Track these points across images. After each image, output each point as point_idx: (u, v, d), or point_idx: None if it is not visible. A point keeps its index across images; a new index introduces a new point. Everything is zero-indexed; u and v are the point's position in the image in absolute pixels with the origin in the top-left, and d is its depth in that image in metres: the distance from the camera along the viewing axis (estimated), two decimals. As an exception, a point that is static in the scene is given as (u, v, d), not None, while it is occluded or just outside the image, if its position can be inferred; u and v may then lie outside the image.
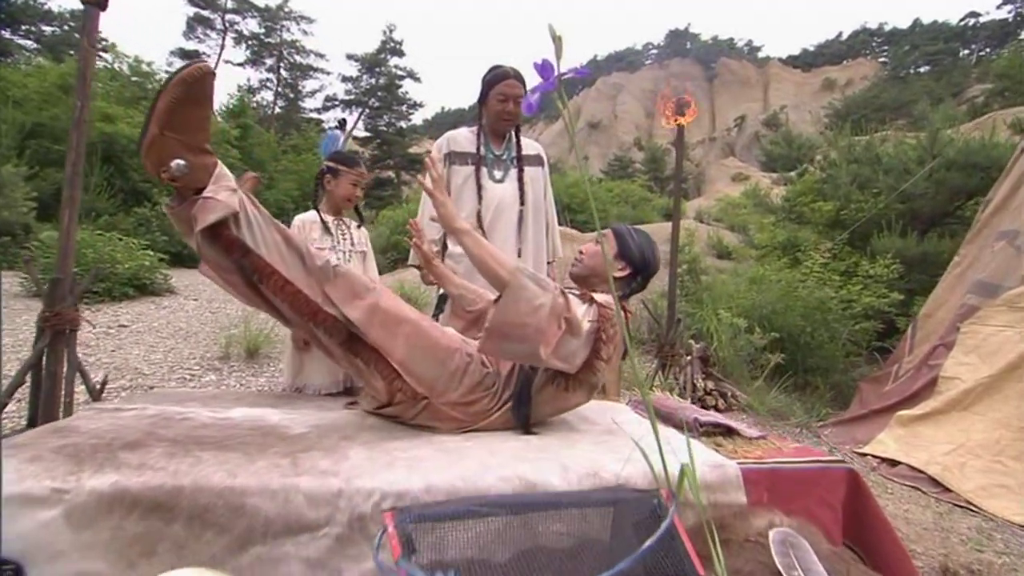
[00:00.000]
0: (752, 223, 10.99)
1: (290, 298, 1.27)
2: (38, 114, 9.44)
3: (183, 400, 1.58)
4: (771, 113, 51.29)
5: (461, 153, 2.22)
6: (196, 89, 1.16)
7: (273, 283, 1.26)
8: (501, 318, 1.24)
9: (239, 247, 1.23)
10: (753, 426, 2.52)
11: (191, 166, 1.19)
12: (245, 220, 1.25)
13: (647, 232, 1.64)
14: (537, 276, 1.28)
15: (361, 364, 1.34)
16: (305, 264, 1.30)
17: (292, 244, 1.30)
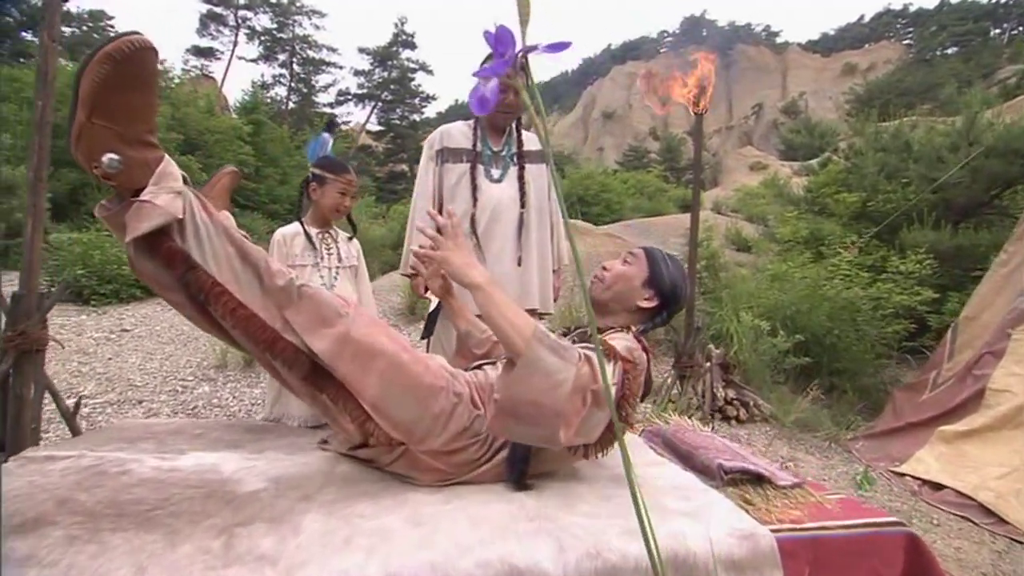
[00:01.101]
0: (771, 214, 10.57)
1: (242, 323, 1.07)
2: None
3: (137, 438, 1.40)
4: (790, 100, 49.95)
5: (455, 149, 1.99)
6: (130, 68, 0.94)
7: (223, 305, 1.05)
8: (512, 394, 1.03)
9: (182, 261, 1.03)
10: (784, 467, 2.27)
11: (127, 161, 0.98)
12: (192, 229, 1.04)
13: (680, 262, 1.41)
14: (558, 344, 1.04)
15: (327, 401, 1.14)
16: (262, 283, 1.09)
17: (248, 259, 1.09)
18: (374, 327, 1.17)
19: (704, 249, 5.46)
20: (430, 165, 2.02)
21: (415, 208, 2.02)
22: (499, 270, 1.93)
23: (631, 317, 1.35)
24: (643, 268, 1.36)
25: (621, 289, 1.35)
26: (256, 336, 1.08)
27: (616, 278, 1.37)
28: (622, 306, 1.35)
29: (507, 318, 1.07)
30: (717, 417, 3.24)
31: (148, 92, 1.02)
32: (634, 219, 13.45)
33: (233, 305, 1.06)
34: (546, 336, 1.04)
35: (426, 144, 2.07)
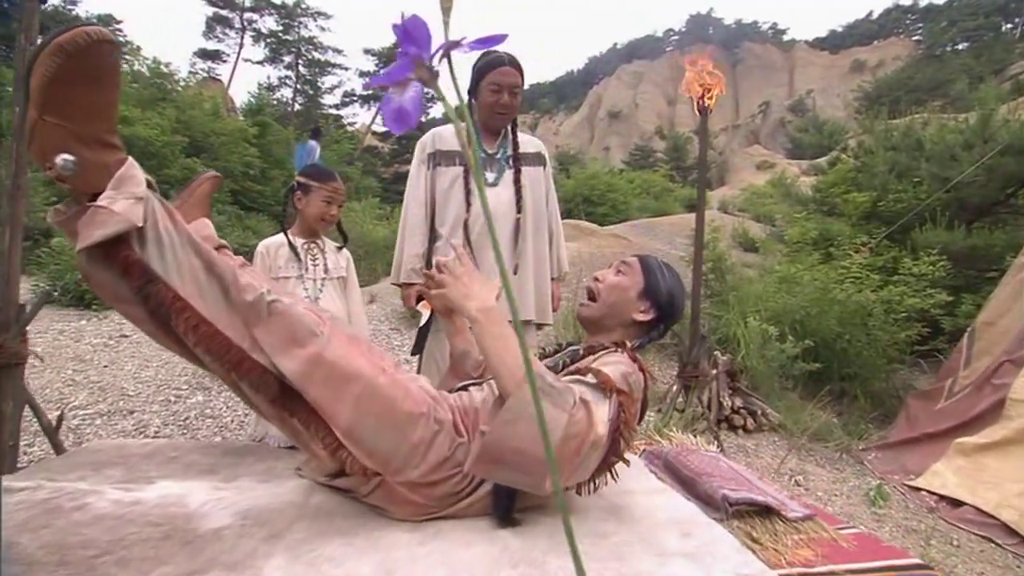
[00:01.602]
0: (779, 213, 10.41)
1: (205, 341, 0.98)
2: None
3: (106, 463, 1.31)
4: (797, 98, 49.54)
5: (448, 152, 1.90)
6: (84, 62, 0.86)
7: (184, 321, 0.96)
8: (496, 439, 0.94)
9: (140, 272, 0.94)
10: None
11: (83, 163, 0.90)
12: (153, 238, 0.96)
13: (676, 271, 1.31)
14: (552, 387, 0.94)
15: (298, 426, 1.05)
16: (228, 298, 1.00)
17: (214, 271, 1.00)
18: (351, 347, 1.08)
19: (710, 251, 5.34)
20: (422, 169, 1.92)
21: (406, 213, 1.93)
22: (493, 279, 1.84)
23: (626, 332, 1.25)
24: (638, 278, 1.26)
25: (615, 302, 1.26)
26: (220, 355, 0.99)
27: (609, 290, 1.27)
28: (616, 320, 1.26)
29: (500, 355, 0.99)
30: (723, 427, 3.14)
31: (107, 89, 0.93)
32: (640, 219, 13.33)
33: (195, 321, 0.97)
34: (541, 377, 0.95)
35: (418, 147, 1.97)
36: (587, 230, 10.42)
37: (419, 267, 1.89)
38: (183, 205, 1.42)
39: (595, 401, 0.98)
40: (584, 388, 0.99)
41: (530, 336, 1.94)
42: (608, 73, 72.94)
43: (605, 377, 1.02)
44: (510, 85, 1.81)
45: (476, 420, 1.17)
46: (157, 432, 2.58)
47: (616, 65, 73.10)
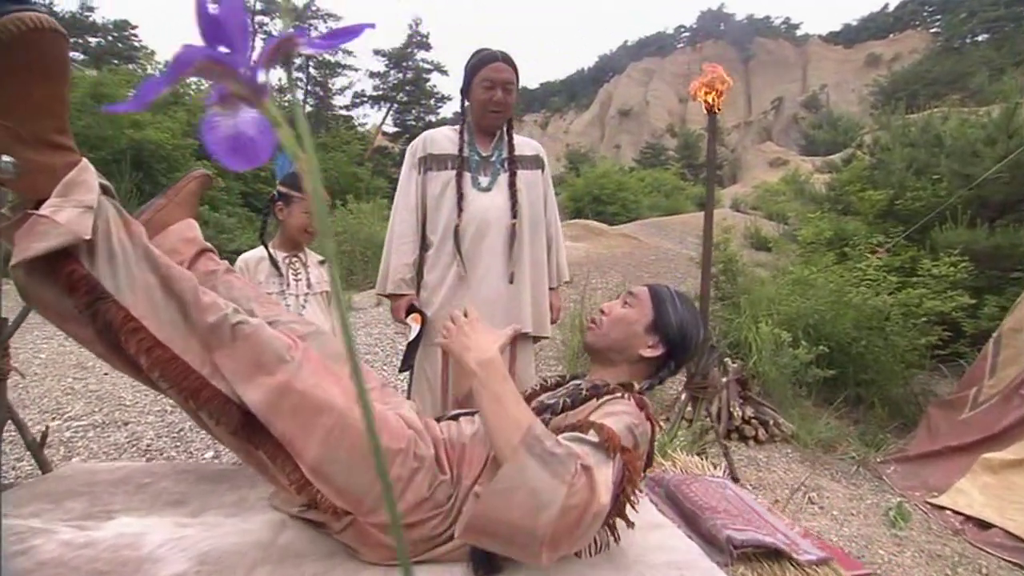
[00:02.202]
0: (792, 211, 10.18)
1: (160, 366, 0.89)
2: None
3: (69, 493, 1.24)
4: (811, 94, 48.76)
5: (439, 156, 1.79)
6: (23, 53, 0.78)
7: (137, 343, 0.88)
8: (487, 511, 0.84)
9: (87, 290, 0.85)
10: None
11: (26, 165, 0.82)
12: (105, 251, 0.87)
13: (691, 300, 1.19)
14: (551, 453, 0.83)
15: (264, 459, 0.96)
16: (188, 319, 0.91)
17: (172, 289, 0.92)
18: (325, 375, 0.99)
19: (721, 252, 5.18)
20: (412, 174, 1.82)
21: (395, 220, 1.84)
22: (486, 290, 1.74)
23: (632, 369, 1.14)
24: (646, 311, 1.15)
25: (620, 336, 1.14)
26: (177, 382, 0.90)
27: (614, 323, 1.15)
28: (622, 356, 1.14)
29: (497, 415, 0.89)
30: (734, 437, 3.01)
31: (53, 83, 0.85)
32: (651, 218, 13.14)
33: (149, 344, 0.88)
34: (538, 441, 0.84)
35: (408, 151, 1.87)
36: (596, 230, 10.27)
37: (408, 277, 1.80)
38: (168, 205, 1.33)
39: (597, 465, 0.87)
40: (586, 449, 0.88)
41: (527, 350, 1.84)
42: (619, 71, 72.45)
43: (609, 434, 0.90)
44: (503, 81, 1.71)
45: (462, 455, 1.07)
46: (150, 445, 2.53)
47: (627, 62, 72.55)
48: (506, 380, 0.92)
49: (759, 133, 46.05)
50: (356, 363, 0.26)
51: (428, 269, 1.80)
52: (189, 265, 1.26)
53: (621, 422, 0.95)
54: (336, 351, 1.25)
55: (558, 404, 1.07)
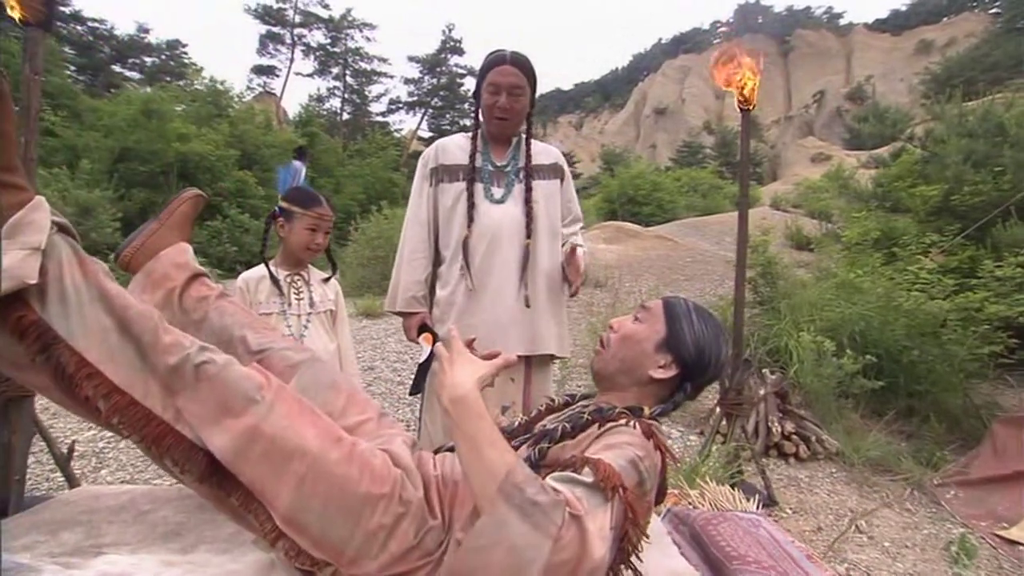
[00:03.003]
0: (835, 209, 9.66)
1: (119, 412, 0.83)
2: (125, 139, 10.00)
3: (66, 522, 1.20)
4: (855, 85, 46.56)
5: (451, 167, 1.68)
6: None
7: (93, 389, 0.82)
8: (461, 568, 0.75)
9: (37, 335, 0.80)
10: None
11: None
12: (57, 294, 0.82)
13: (714, 316, 1.04)
14: (533, 502, 0.73)
15: (236, 504, 0.89)
16: (146, 362, 0.85)
17: (130, 331, 0.86)
18: (298, 416, 0.91)
19: (759, 254, 4.92)
20: (424, 185, 1.73)
21: (406, 235, 1.75)
22: (500, 310, 1.63)
23: (642, 392, 1.01)
24: (658, 327, 1.01)
25: (628, 355, 1.01)
26: (138, 428, 0.84)
27: (622, 342, 1.03)
28: (630, 378, 1.02)
29: (470, 460, 0.79)
30: (773, 454, 2.81)
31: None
32: (687, 218, 12.77)
33: (106, 390, 0.83)
34: (518, 490, 0.73)
35: (420, 161, 1.78)
36: (631, 232, 10.03)
37: (420, 294, 1.71)
38: (161, 228, 1.28)
39: (592, 511, 0.75)
40: (579, 492, 0.76)
41: (545, 371, 1.72)
42: (653, 69, 71.18)
43: (606, 472, 0.78)
44: (509, 86, 1.58)
45: (455, 495, 0.97)
46: (176, 456, 2.54)
47: (661, 60, 71.21)
48: (481, 418, 0.82)
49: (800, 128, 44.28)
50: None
51: (440, 285, 1.71)
52: (181, 291, 1.20)
53: (623, 456, 0.83)
54: (331, 380, 1.17)
55: (557, 431, 0.96)
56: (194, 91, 13.07)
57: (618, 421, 0.93)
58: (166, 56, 24.35)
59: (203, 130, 10.72)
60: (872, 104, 27.77)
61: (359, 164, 17.30)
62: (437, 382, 0.88)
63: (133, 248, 1.20)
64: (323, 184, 14.92)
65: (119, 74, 22.30)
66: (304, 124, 16.55)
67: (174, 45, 24.63)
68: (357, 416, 1.13)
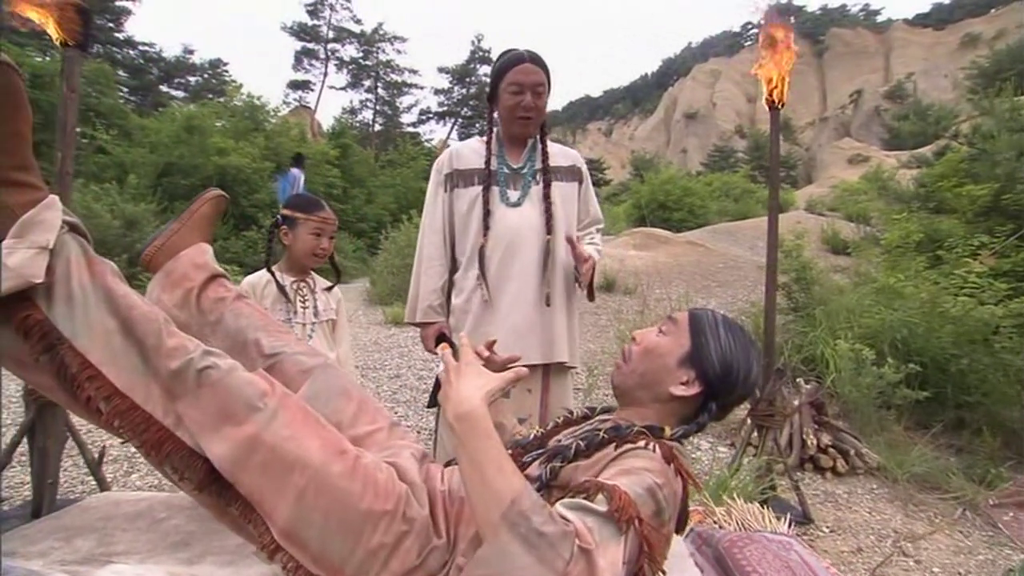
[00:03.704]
0: (874, 211, 9.26)
1: (120, 416, 0.82)
2: (169, 154, 10.42)
3: (82, 530, 1.22)
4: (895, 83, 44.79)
5: (466, 171, 1.64)
6: None
7: (95, 392, 0.81)
8: None
9: (41, 335, 0.80)
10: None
11: None
12: (63, 294, 0.82)
13: (744, 331, 0.95)
14: (540, 535, 0.66)
15: (236, 514, 0.86)
16: (148, 365, 0.84)
17: (134, 333, 0.84)
18: (302, 426, 0.88)
19: (793, 259, 4.73)
20: (439, 192, 1.69)
21: (422, 243, 1.72)
22: (517, 316, 1.58)
23: (664, 410, 0.94)
24: (683, 340, 0.94)
25: (648, 370, 0.94)
26: (138, 433, 0.83)
27: (643, 355, 0.96)
28: (650, 394, 0.94)
29: (474, 481, 0.73)
30: (808, 468, 2.66)
31: (8, 120, 0.81)
32: (719, 223, 12.47)
33: (108, 392, 0.82)
34: (524, 518, 0.67)
35: (434, 167, 1.72)
36: (661, 238, 9.84)
37: (438, 303, 1.68)
38: (182, 229, 1.28)
39: (604, 542, 0.68)
40: (591, 521, 0.70)
41: (562, 381, 1.66)
42: (683, 74, 70.25)
43: (621, 501, 0.71)
44: (533, 84, 1.54)
45: (460, 513, 0.92)
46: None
47: (691, 65, 70.23)
48: (487, 438, 0.76)
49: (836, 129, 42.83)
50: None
51: (455, 292, 1.68)
52: (199, 291, 1.20)
53: (641, 482, 0.76)
54: (342, 386, 1.14)
55: (570, 449, 0.89)
56: (233, 107, 13.52)
57: (636, 442, 0.86)
58: (209, 75, 25.37)
59: (240, 144, 11.07)
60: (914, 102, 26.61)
61: (391, 174, 17.57)
62: (442, 395, 0.84)
63: (154, 248, 1.20)
64: (355, 195, 15.22)
65: (166, 93, 23.36)
66: (337, 136, 16.93)
67: (216, 64, 25.67)
68: (367, 426, 1.10)
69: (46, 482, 1.85)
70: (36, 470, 1.87)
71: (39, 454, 1.88)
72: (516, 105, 1.56)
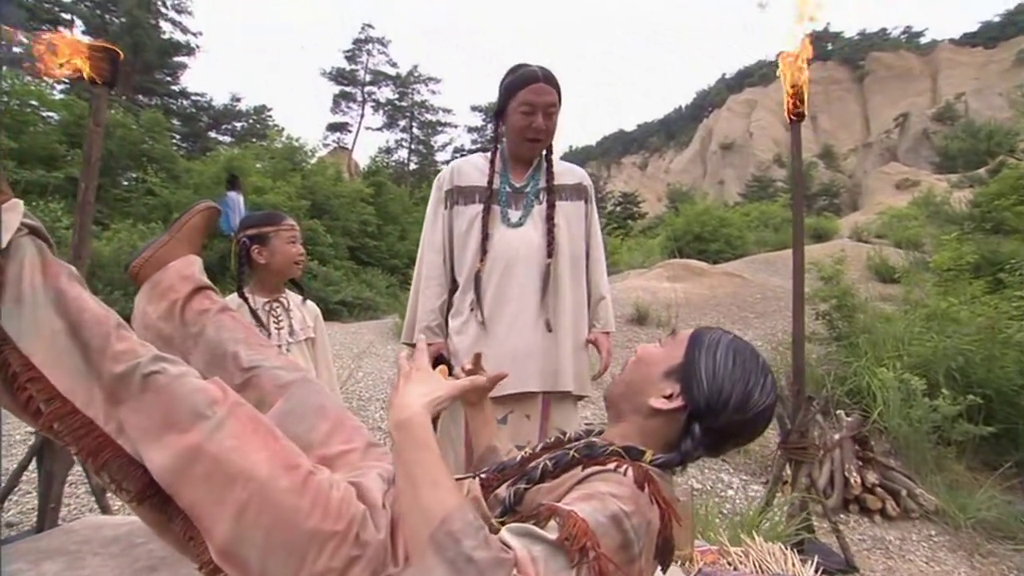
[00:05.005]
0: (926, 237, 8.80)
1: (60, 420, 0.80)
2: (210, 194, 11.02)
3: (53, 554, 1.20)
4: (944, 105, 43.43)
5: (467, 188, 1.60)
6: None
7: (36, 393, 0.80)
8: None
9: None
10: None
11: None
12: (14, 295, 0.81)
13: (751, 355, 0.85)
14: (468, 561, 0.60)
15: (177, 530, 0.82)
16: (92, 368, 0.81)
17: (80, 335, 0.83)
18: (251, 437, 0.83)
19: (833, 287, 4.51)
20: (439, 209, 1.64)
21: (421, 261, 1.69)
22: (516, 340, 1.51)
23: (645, 427, 0.85)
24: (675, 352, 0.86)
25: (634, 378, 0.88)
26: (77, 439, 0.80)
27: (635, 363, 0.90)
28: (631, 405, 0.86)
29: (406, 494, 0.69)
30: (853, 510, 2.43)
31: None
32: (758, 254, 12.14)
33: (48, 395, 0.80)
34: (453, 541, 0.61)
35: (435, 183, 1.68)
36: (696, 269, 9.62)
37: (435, 324, 1.63)
38: (171, 240, 1.29)
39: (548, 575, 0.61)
40: (537, 550, 0.62)
41: (566, 410, 1.58)
42: (718, 105, 70.24)
43: (576, 528, 0.63)
44: (545, 105, 1.48)
45: None
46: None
47: (726, 95, 70.24)
48: (425, 449, 0.70)
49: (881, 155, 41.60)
50: None
51: (452, 314, 1.63)
52: (183, 303, 1.19)
53: (604, 509, 0.67)
54: (319, 403, 1.10)
55: (537, 470, 0.82)
56: (273, 149, 14.28)
57: (606, 464, 0.78)
58: (254, 120, 26.96)
59: (278, 183, 11.60)
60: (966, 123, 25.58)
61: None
62: (388, 401, 0.79)
63: (142, 259, 1.20)
64: (389, 232, 15.65)
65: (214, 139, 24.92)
66: (372, 175, 17.57)
67: (261, 110, 27.28)
68: (341, 445, 1.05)
69: (48, 506, 1.87)
70: (41, 493, 1.89)
71: (46, 478, 1.91)
72: (527, 126, 1.50)
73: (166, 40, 23.41)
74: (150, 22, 22.32)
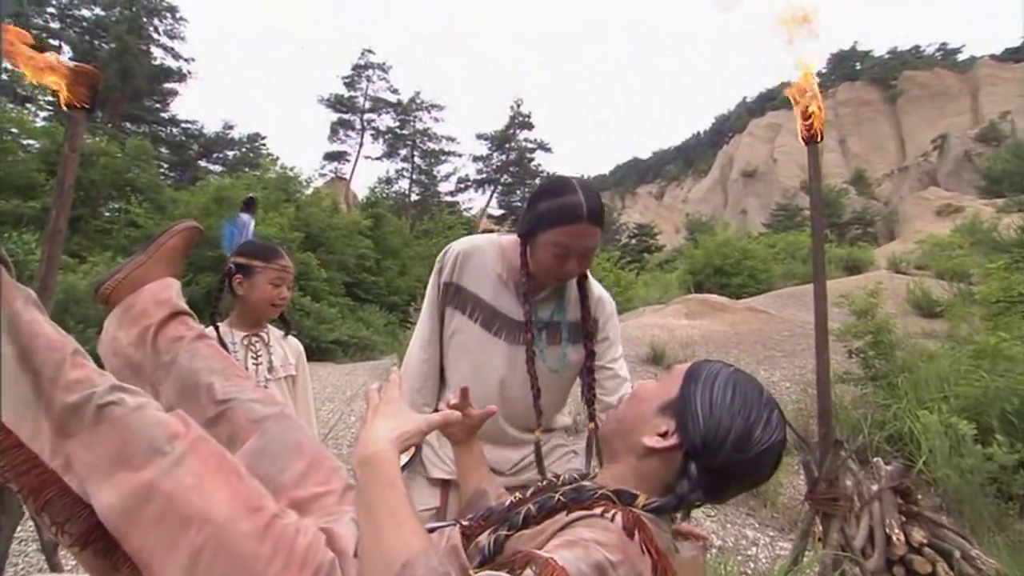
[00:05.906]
0: (973, 266, 8.73)
1: (2, 455, 0.77)
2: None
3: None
4: (987, 124, 43.80)
5: (469, 295, 1.38)
6: None
7: None
8: None
9: None
10: None
11: None
12: None
13: (753, 388, 0.83)
14: None
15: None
16: (41, 397, 0.80)
17: (30, 362, 0.82)
18: (212, 474, 0.80)
19: (867, 321, 4.45)
20: (434, 297, 1.43)
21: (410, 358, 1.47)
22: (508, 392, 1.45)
23: (640, 469, 0.83)
24: (670, 386, 0.85)
25: (627, 416, 0.87)
26: (19, 476, 0.78)
27: (628, 400, 0.89)
28: (624, 444, 0.85)
29: (368, 537, 0.68)
30: (898, 573, 2.31)
31: None
32: (785, 287, 12.07)
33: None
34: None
35: (436, 263, 1.43)
36: (717, 305, 9.59)
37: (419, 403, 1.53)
38: (148, 261, 1.29)
39: None
40: None
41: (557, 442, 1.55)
42: (739, 130, 71.35)
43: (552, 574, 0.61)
44: (584, 249, 1.25)
45: None
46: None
47: (747, 120, 71.40)
48: (389, 487, 0.69)
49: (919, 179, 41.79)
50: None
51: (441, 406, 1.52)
52: (156, 329, 1.19)
53: (586, 558, 0.65)
54: (295, 440, 1.08)
55: (519, 515, 0.80)
56: (266, 179, 14.62)
57: (592, 508, 0.76)
58: (247, 148, 27.73)
59: (270, 214, 11.82)
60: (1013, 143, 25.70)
61: (425, 244, 18.21)
62: (355, 436, 0.78)
63: (115, 281, 1.18)
64: (388, 266, 15.78)
65: (204, 168, 25.59)
66: (370, 206, 17.88)
67: (254, 138, 28.11)
68: (317, 487, 1.02)
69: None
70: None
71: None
72: (558, 269, 1.28)
73: (156, 66, 24.39)
74: (140, 48, 23.31)
